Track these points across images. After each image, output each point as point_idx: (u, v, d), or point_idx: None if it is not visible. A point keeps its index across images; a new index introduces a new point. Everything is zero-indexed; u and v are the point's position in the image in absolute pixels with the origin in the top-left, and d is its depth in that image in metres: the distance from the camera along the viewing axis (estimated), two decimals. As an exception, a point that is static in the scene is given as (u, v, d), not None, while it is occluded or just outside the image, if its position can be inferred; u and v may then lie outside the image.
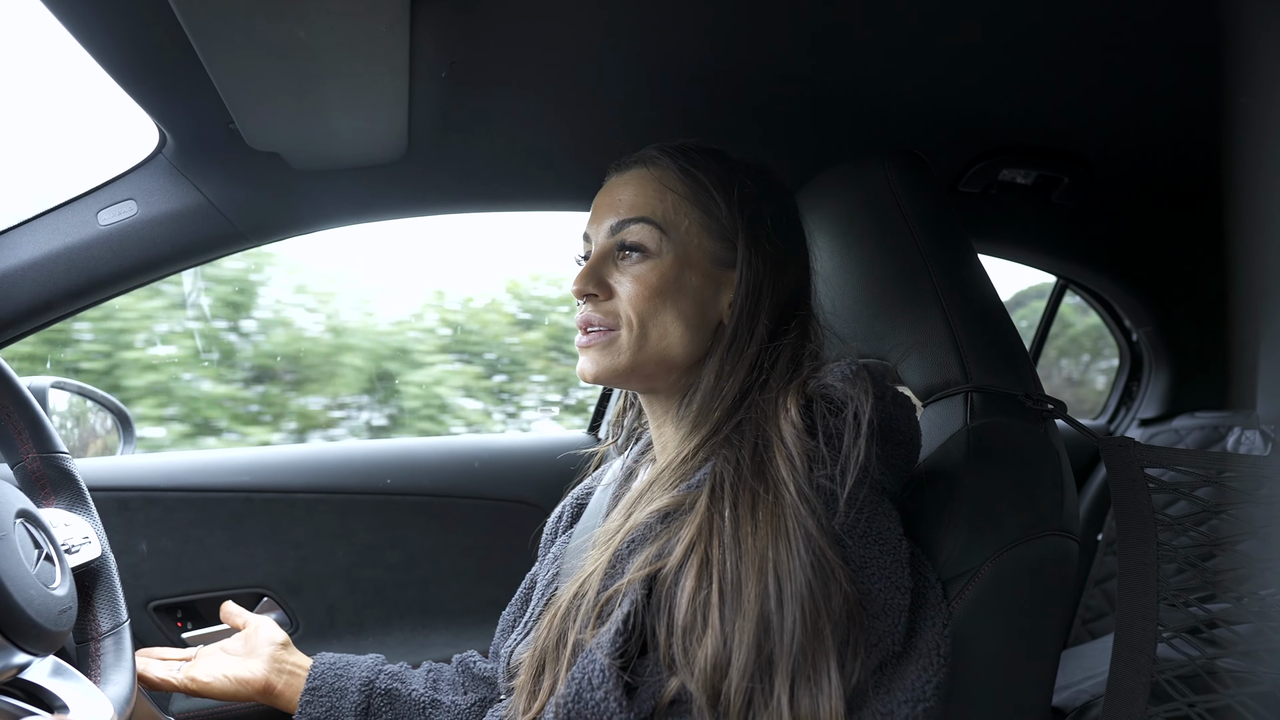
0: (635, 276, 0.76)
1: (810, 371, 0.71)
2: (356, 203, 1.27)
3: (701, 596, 0.59)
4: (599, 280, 0.78)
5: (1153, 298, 2.03)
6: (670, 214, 0.77)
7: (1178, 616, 0.77)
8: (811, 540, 0.59)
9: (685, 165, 0.78)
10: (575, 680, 0.62)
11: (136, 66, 0.92)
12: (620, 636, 0.61)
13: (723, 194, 0.77)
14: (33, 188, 1.15)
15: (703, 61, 1.02)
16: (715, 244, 0.78)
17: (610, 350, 0.77)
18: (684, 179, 0.78)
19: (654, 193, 0.78)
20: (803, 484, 0.61)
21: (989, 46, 1.00)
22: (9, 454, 0.85)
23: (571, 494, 1.03)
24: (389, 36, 0.82)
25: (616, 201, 0.79)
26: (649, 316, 0.76)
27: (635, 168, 0.81)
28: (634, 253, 0.77)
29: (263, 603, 1.42)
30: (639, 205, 0.78)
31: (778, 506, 0.61)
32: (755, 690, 0.56)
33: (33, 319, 1.12)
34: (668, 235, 0.76)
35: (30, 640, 0.67)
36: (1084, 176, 1.41)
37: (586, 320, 0.79)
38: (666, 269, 0.76)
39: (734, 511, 0.62)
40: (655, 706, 0.60)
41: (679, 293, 0.76)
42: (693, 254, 0.77)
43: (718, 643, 0.57)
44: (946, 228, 0.90)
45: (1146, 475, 0.80)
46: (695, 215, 0.77)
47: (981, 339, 0.84)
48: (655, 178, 0.79)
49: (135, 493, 1.34)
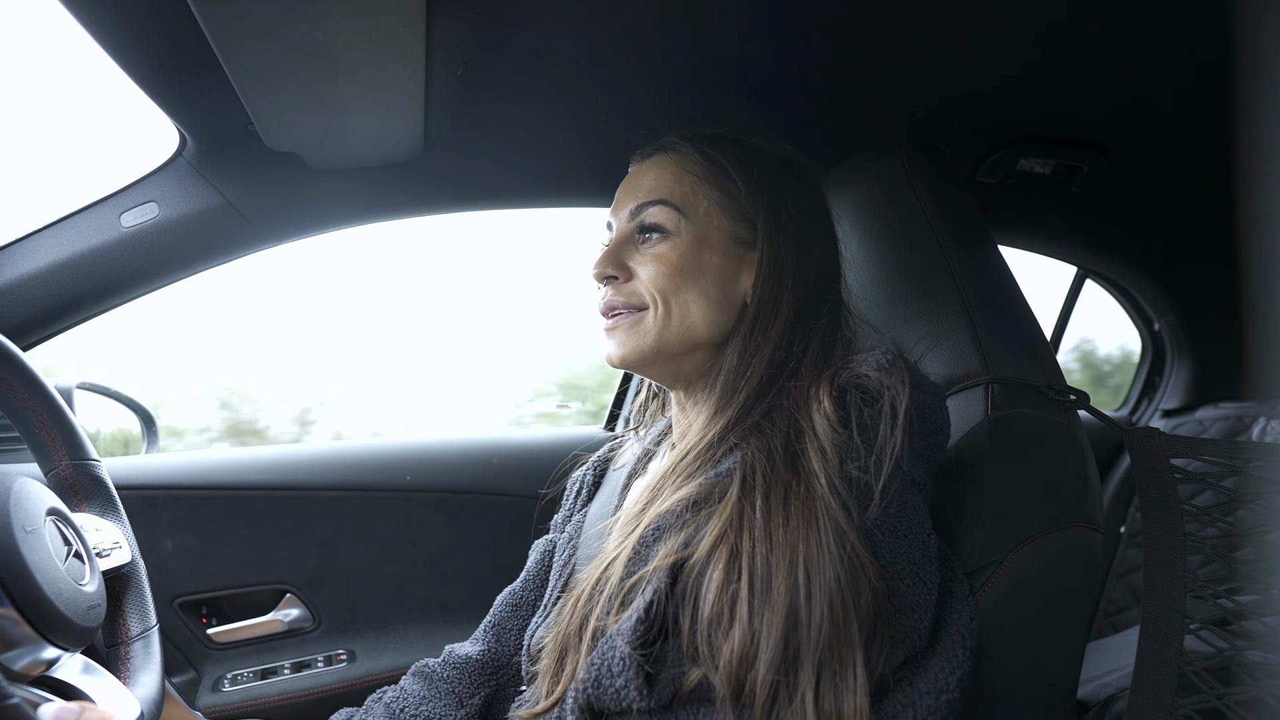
0: (655, 256, 0.77)
1: (843, 361, 0.70)
2: (374, 202, 1.28)
3: (730, 589, 0.58)
4: (618, 262, 0.79)
5: (1174, 287, 2.00)
6: (688, 195, 0.78)
7: (1205, 608, 0.77)
8: (842, 535, 0.58)
9: (704, 149, 0.80)
10: (595, 666, 0.62)
11: (156, 69, 0.93)
12: (642, 625, 0.61)
13: (742, 175, 0.79)
14: (56, 191, 1.17)
15: (719, 53, 1.01)
16: (735, 224, 0.78)
17: (636, 330, 0.78)
18: (703, 161, 0.79)
19: (672, 175, 0.79)
20: (834, 477, 0.61)
21: (1006, 35, 0.99)
22: (42, 461, 0.86)
23: (590, 464, 1.02)
24: (405, 35, 0.83)
25: (636, 187, 0.81)
26: (671, 294, 0.76)
27: (656, 155, 0.83)
28: (653, 234, 0.78)
29: (285, 599, 1.44)
30: (657, 189, 0.79)
31: (809, 499, 0.60)
32: (780, 684, 0.55)
33: (59, 321, 1.14)
34: (685, 216, 0.77)
35: (59, 634, 0.68)
36: (1103, 165, 1.39)
37: (609, 305, 0.80)
38: (686, 248, 0.77)
39: (765, 503, 0.61)
40: (675, 694, 0.60)
41: (699, 271, 0.77)
42: (712, 234, 0.78)
43: (745, 636, 0.56)
44: (965, 218, 0.89)
45: (1172, 466, 0.79)
46: (714, 196, 0.78)
47: (1001, 330, 0.84)
48: (674, 162, 0.80)
49: (160, 491, 1.36)
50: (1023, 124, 1.29)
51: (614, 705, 0.61)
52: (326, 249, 1.39)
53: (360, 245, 2.18)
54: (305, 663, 1.41)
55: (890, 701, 0.59)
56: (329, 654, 1.43)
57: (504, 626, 0.95)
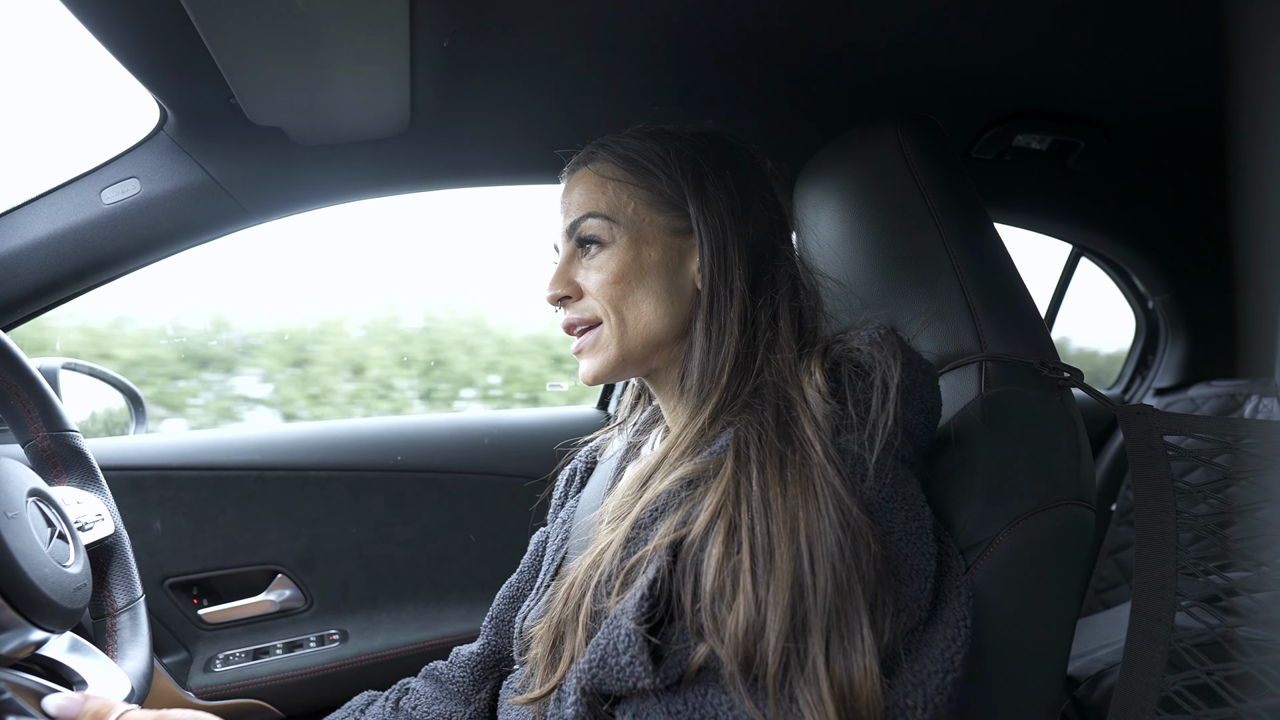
0: (597, 268, 0.79)
1: (834, 336, 0.70)
2: (360, 178, 1.26)
3: (731, 563, 0.58)
4: (566, 281, 0.81)
5: (1169, 265, 2.00)
6: (614, 200, 0.79)
7: (1196, 585, 0.77)
8: (840, 500, 0.58)
9: (620, 152, 0.81)
10: (600, 646, 0.61)
11: (134, 42, 0.91)
12: (645, 602, 0.60)
13: (662, 166, 0.79)
14: (35, 167, 1.14)
15: (709, 28, 0.99)
16: (666, 216, 0.79)
17: (598, 347, 0.80)
18: (620, 164, 0.81)
19: (595, 185, 0.81)
20: (829, 444, 0.61)
21: (1002, 9, 0.98)
22: (19, 433, 0.85)
23: (582, 455, 1.03)
24: (389, 6, 0.81)
25: (567, 205, 0.82)
26: (620, 301, 0.78)
27: (579, 168, 0.84)
28: (592, 245, 0.80)
29: (277, 579, 1.44)
30: (585, 203, 0.80)
31: (805, 467, 0.61)
32: (790, 653, 0.55)
33: (39, 299, 1.12)
34: (616, 222, 0.79)
35: (46, 617, 0.68)
36: (1100, 142, 1.38)
37: (569, 323, 0.82)
38: (623, 253, 0.78)
39: (761, 475, 0.61)
40: (683, 674, 0.60)
41: (642, 271, 0.78)
42: (646, 231, 0.79)
43: (750, 608, 0.56)
44: (960, 194, 0.88)
45: (1165, 443, 0.79)
46: (640, 195, 0.79)
47: (996, 307, 0.83)
48: (595, 172, 0.82)
49: (148, 472, 1.35)
50: (1019, 99, 1.27)
51: (620, 685, 0.61)
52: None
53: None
54: (297, 643, 1.42)
55: (901, 679, 0.59)
56: (321, 634, 1.44)
57: (503, 619, 0.96)
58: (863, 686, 0.54)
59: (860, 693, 0.54)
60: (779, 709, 0.55)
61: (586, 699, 0.63)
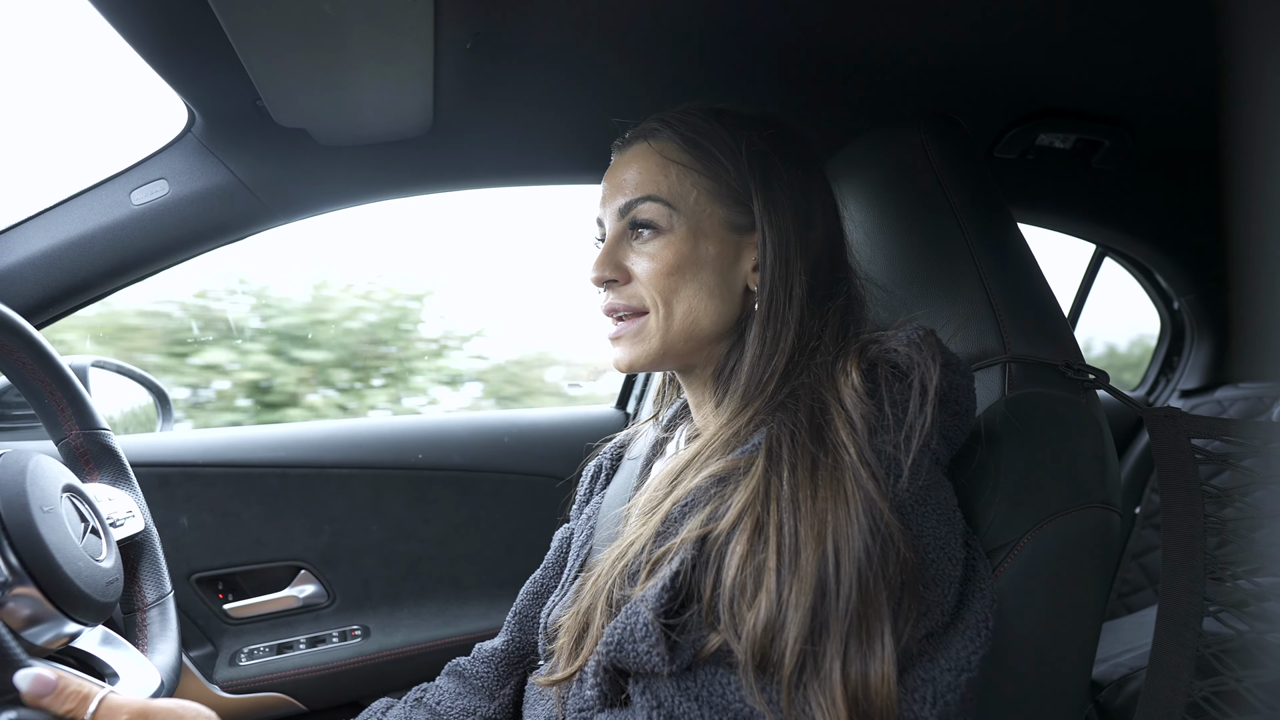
0: (650, 255, 0.75)
1: (871, 336, 0.69)
2: (383, 178, 1.27)
3: (756, 561, 0.58)
4: (615, 264, 0.77)
5: (1195, 265, 1.97)
6: (676, 186, 0.75)
7: (1224, 590, 0.76)
8: (872, 504, 0.57)
9: (686, 133, 0.76)
10: (618, 630, 0.62)
11: (164, 45, 0.92)
12: (667, 593, 0.60)
13: (729, 157, 0.75)
14: (66, 170, 1.16)
15: (732, 25, 0.99)
16: (728, 210, 0.76)
17: (640, 337, 0.77)
18: (686, 148, 0.76)
19: (657, 167, 0.76)
20: (864, 447, 0.60)
21: (1025, 6, 0.97)
22: (53, 431, 0.87)
23: (607, 451, 1.01)
24: (414, 8, 0.81)
25: (622, 182, 0.78)
26: (671, 294, 0.74)
27: (637, 143, 0.79)
28: (645, 230, 0.76)
29: (300, 575, 1.46)
30: (644, 183, 0.76)
31: (837, 470, 0.60)
32: (807, 655, 0.55)
33: (71, 299, 1.14)
34: (676, 209, 0.75)
35: (79, 610, 0.69)
36: (1125, 141, 1.36)
37: (611, 307, 0.78)
38: (681, 244, 0.74)
39: (792, 475, 0.60)
40: (695, 656, 0.60)
41: (697, 265, 0.74)
42: (705, 224, 0.75)
43: (771, 607, 0.56)
44: (983, 193, 0.87)
45: (1193, 446, 0.78)
46: (703, 184, 0.75)
47: (1020, 308, 0.82)
48: (657, 151, 0.77)
49: (175, 468, 1.37)
50: (1043, 98, 1.26)
51: (636, 667, 0.62)
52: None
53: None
54: (320, 638, 1.43)
55: (911, 675, 0.59)
56: (343, 629, 1.45)
57: (527, 615, 0.95)
58: (878, 693, 0.54)
59: (875, 698, 0.54)
60: (791, 708, 0.55)
61: (607, 675, 0.64)
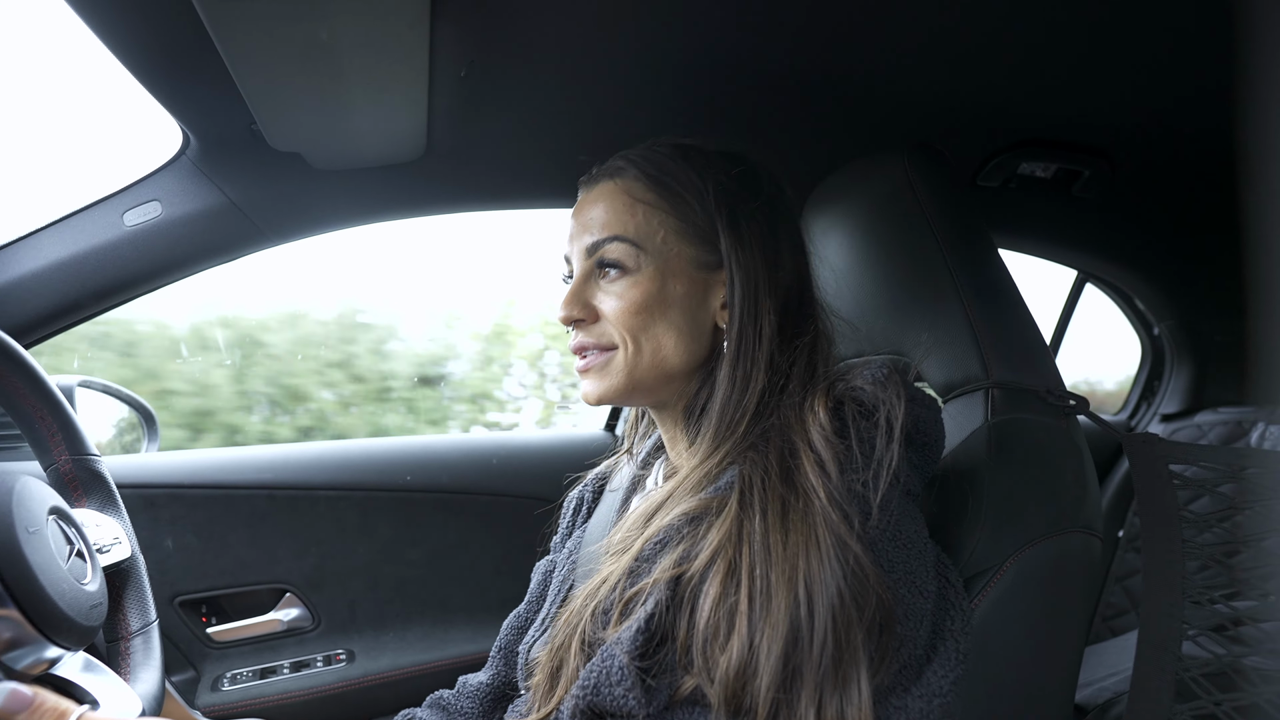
0: (618, 295, 0.75)
1: (837, 373, 0.69)
2: (376, 201, 1.28)
3: (728, 604, 0.58)
4: (583, 303, 0.77)
5: (1174, 291, 2.01)
6: (643, 226, 0.75)
7: (1203, 614, 0.77)
8: (845, 548, 0.57)
9: (652, 172, 0.76)
10: (594, 674, 0.62)
11: (160, 68, 0.93)
12: (642, 635, 0.60)
13: (696, 196, 0.75)
14: (59, 190, 1.17)
15: (719, 56, 1.01)
16: (695, 249, 0.76)
17: (607, 371, 0.76)
18: (652, 186, 0.76)
19: (624, 207, 0.76)
20: (833, 490, 0.60)
21: (1006, 39, 0.99)
22: (42, 456, 0.87)
23: (589, 481, 1.01)
24: (409, 36, 0.83)
25: (589, 220, 0.77)
26: (639, 331, 0.74)
27: (603, 181, 0.79)
28: (613, 269, 0.76)
29: (285, 598, 1.44)
30: (610, 223, 0.76)
31: (808, 515, 0.59)
32: (780, 703, 0.55)
33: (61, 319, 1.14)
34: (643, 249, 0.74)
35: (62, 634, 0.68)
36: (1104, 169, 1.39)
37: (580, 345, 0.78)
38: (648, 283, 0.74)
39: (763, 520, 0.60)
40: (670, 699, 0.60)
41: (665, 304, 0.74)
42: (673, 263, 0.75)
43: (743, 651, 0.56)
44: (965, 222, 0.89)
45: (1171, 471, 0.79)
46: (670, 223, 0.75)
47: (1002, 334, 0.84)
48: (624, 190, 0.77)
49: (160, 490, 1.36)
50: (1024, 128, 1.29)
51: (613, 710, 0.61)
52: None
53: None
54: (304, 662, 1.42)
55: (884, 706, 0.59)
56: (328, 654, 1.44)
57: (511, 650, 0.94)
58: None
59: None
60: None
61: (584, 718, 0.63)
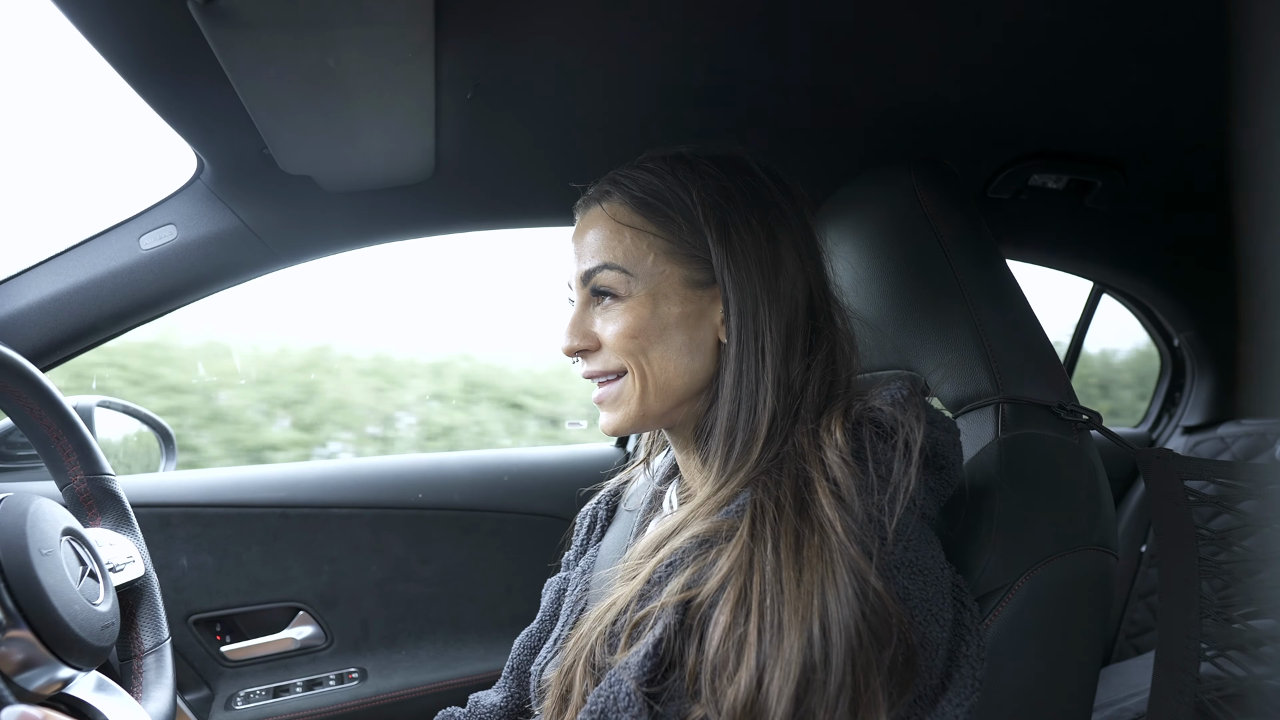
0: (612, 321, 0.74)
1: (855, 393, 0.67)
2: (386, 222, 1.29)
3: (737, 634, 0.56)
4: (583, 332, 0.77)
5: (1193, 301, 1.98)
6: (630, 251, 0.74)
7: (1222, 633, 0.75)
8: (864, 584, 0.55)
9: (636, 194, 0.75)
10: (601, 698, 0.61)
11: (174, 95, 0.95)
12: (650, 660, 0.59)
13: (683, 213, 0.73)
14: (77, 215, 1.19)
15: (725, 73, 1.02)
16: (687, 268, 0.74)
17: (620, 401, 0.76)
18: (638, 209, 0.75)
19: (611, 232, 0.75)
20: (850, 522, 0.58)
21: (1016, 51, 0.99)
22: (58, 476, 0.88)
23: (602, 497, 1.00)
24: (415, 62, 0.84)
25: (582, 247, 0.77)
26: (639, 355, 0.73)
27: (593, 206, 0.78)
28: (607, 296, 0.75)
29: (298, 617, 1.45)
30: (600, 250, 0.75)
31: (824, 550, 0.57)
32: None
33: (80, 341, 1.16)
34: (633, 275, 0.73)
35: (73, 654, 0.69)
36: (1117, 180, 1.38)
37: (589, 373, 0.78)
38: (639, 308, 0.73)
39: (776, 554, 0.58)
40: None
41: (660, 327, 0.73)
42: (663, 285, 0.73)
43: (751, 684, 0.54)
44: (974, 236, 0.89)
45: (1186, 488, 0.78)
46: (658, 245, 0.74)
47: (1012, 348, 0.83)
48: (610, 215, 0.76)
49: (176, 509, 1.38)
50: (1034, 139, 1.28)
51: None
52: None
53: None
54: (317, 681, 1.42)
55: None
56: (340, 672, 1.44)
57: (524, 670, 0.94)
58: None
59: None
60: None
61: None
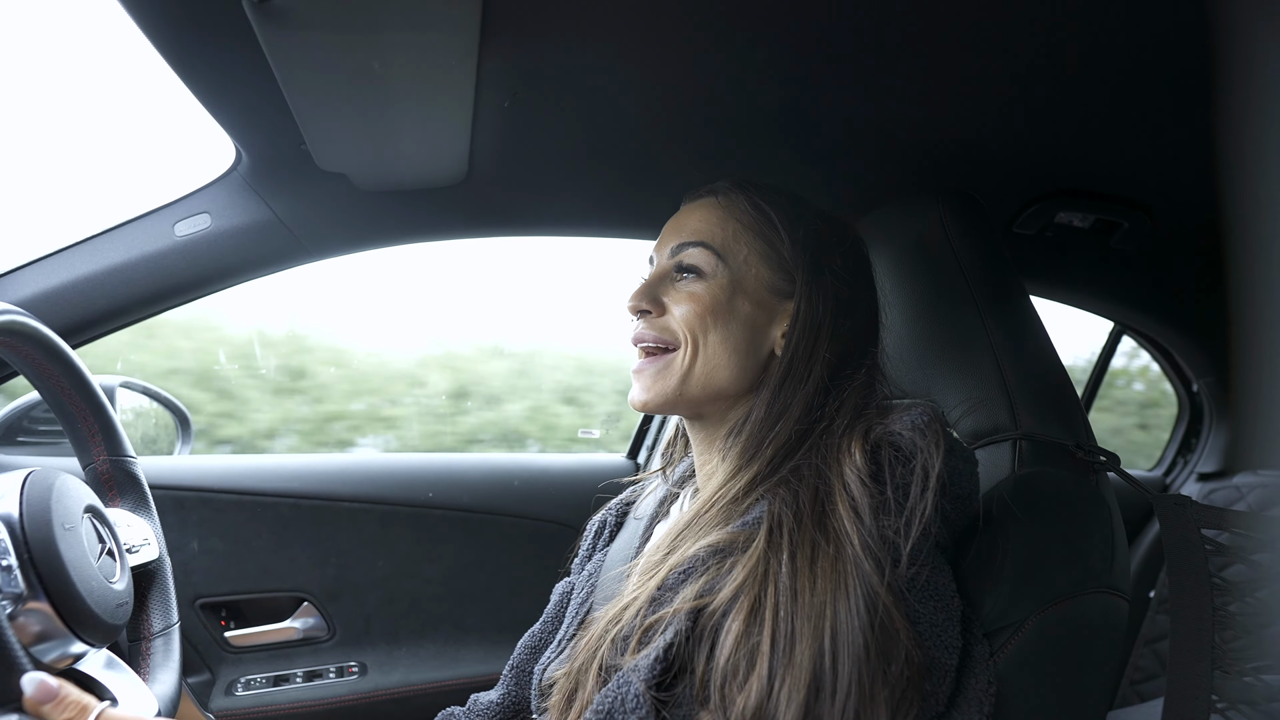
0: (688, 294, 0.78)
1: (877, 415, 0.69)
2: (416, 223, 1.31)
3: (750, 643, 0.57)
4: (653, 297, 0.80)
5: (1215, 347, 1.96)
6: (729, 241, 0.79)
7: (1233, 686, 0.74)
8: (875, 598, 0.56)
9: (754, 198, 0.81)
10: (609, 699, 0.61)
11: (218, 88, 0.97)
12: (660, 664, 0.60)
13: (787, 229, 0.79)
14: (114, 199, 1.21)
15: (757, 98, 1.03)
16: (773, 273, 0.79)
17: (663, 375, 0.78)
18: (750, 210, 0.80)
19: (717, 220, 0.81)
20: (866, 537, 0.59)
21: (1045, 87, 0.99)
22: (82, 456, 0.89)
23: (612, 506, 1.01)
24: (458, 69, 0.85)
25: (681, 226, 0.82)
26: (700, 334, 0.77)
27: (706, 197, 0.84)
28: (689, 274, 0.80)
29: (302, 607, 1.46)
30: (700, 230, 0.80)
31: (839, 561, 0.59)
32: None
33: (110, 322, 1.17)
34: (724, 260, 0.78)
35: (88, 630, 0.70)
36: (1144, 223, 1.38)
37: (639, 336, 0.81)
38: (719, 290, 0.78)
39: (792, 563, 0.60)
40: None
41: (730, 316, 0.77)
42: (747, 280, 0.78)
43: (761, 693, 0.55)
44: (1000, 270, 0.89)
45: (1203, 536, 0.77)
46: (756, 245, 0.79)
47: (1032, 385, 0.83)
48: (721, 207, 0.81)
49: (190, 492, 1.39)
50: (1063, 177, 1.28)
51: None
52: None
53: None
54: (317, 672, 1.43)
55: None
56: (341, 665, 1.45)
57: (524, 669, 0.95)
58: None
59: None
60: None
61: None
